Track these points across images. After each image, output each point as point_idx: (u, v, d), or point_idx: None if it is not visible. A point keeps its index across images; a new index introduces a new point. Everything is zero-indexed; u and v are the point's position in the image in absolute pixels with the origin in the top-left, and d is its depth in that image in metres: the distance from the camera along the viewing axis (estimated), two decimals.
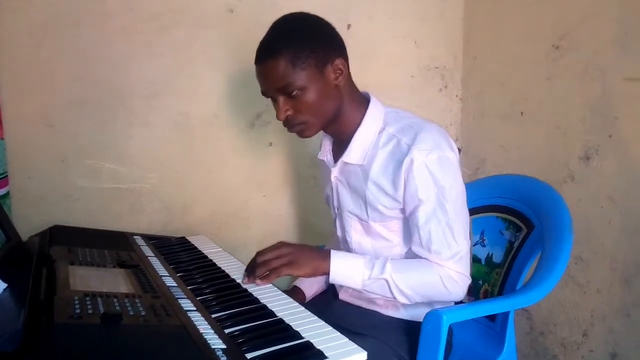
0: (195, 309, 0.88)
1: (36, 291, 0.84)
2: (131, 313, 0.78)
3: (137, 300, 0.84)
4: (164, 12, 1.53)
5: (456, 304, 1.14)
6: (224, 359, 0.70)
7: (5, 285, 0.85)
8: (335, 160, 1.20)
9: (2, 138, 1.35)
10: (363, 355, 0.75)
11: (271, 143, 1.73)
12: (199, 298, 0.94)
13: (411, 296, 1.06)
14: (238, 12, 1.61)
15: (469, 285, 1.10)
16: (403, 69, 1.92)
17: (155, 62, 1.54)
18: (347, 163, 1.15)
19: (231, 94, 1.65)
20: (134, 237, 1.36)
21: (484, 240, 1.39)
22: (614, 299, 1.52)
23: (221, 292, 0.99)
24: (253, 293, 0.99)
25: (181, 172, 1.62)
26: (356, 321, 1.13)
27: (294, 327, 0.82)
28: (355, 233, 1.20)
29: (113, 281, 0.95)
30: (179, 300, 0.91)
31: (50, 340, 0.67)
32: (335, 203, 1.23)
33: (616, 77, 1.47)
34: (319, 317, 0.87)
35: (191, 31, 1.57)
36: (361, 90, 1.18)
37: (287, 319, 0.86)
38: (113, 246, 1.21)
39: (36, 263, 1.00)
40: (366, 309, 1.20)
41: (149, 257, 1.18)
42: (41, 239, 1.19)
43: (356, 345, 0.77)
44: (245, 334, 0.80)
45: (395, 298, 1.06)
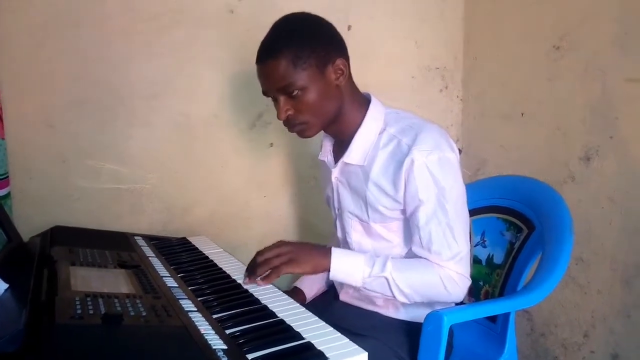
0: (196, 310, 0.87)
1: (37, 292, 0.84)
2: (132, 314, 0.78)
3: (138, 300, 0.84)
4: (164, 13, 1.53)
5: (457, 305, 1.14)
6: None
7: (6, 285, 0.85)
8: (335, 160, 1.20)
9: (3, 138, 1.35)
10: (364, 356, 0.75)
11: (272, 144, 1.73)
12: (200, 299, 0.94)
13: (411, 295, 1.06)
14: (238, 13, 1.61)
15: (470, 286, 1.10)
16: (403, 70, 1.92)
17: (155, 63, 1.54)
18: (348, 164, 1.15)
19: (232, 95, 1.65)
20: (135, 238, 1.36)
21: (485, 241, 1.39)
22: (615, 300, 1.52)
23: (222, 293, 0.99)
24: (254, 294, 0.99)
25: (182, 173, 1.62)
26: (357, 322, 1.13)
27: (295, 328, 0.82)
28: (355, 234, 1.20)
29: (114, 282, 0.95)
30: (180, 300, 0.91)
31: (51, 340, 0.67)
32: (335, 204, 1.23)
33: (616, 78, 1.47)
34: (320, 318, 0.87)
35: (191, 31, 1.57)
36: (362, 90, 1.18)
37: (288, 320, 0.86)
38: (114, 247, 1.21)
39: (37, 263, 1.00)
40: (367, 310, 1.20)
41: (150, 258, 1.18)
42: (42, 240, 1.19)
43: (357, 346, 0.77)
44: (246, 335, 0.80)
45: (394, 297, 1.06)
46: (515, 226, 1.32)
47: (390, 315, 1.18)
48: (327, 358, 0.73)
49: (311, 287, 1.32)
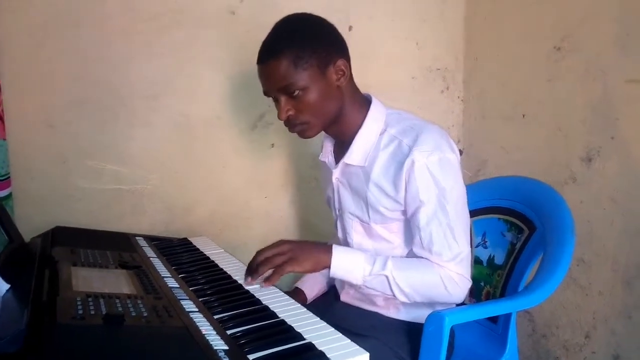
0: (197, 310, 0.88)
1: (39, 292, 0.84)
2: (133, 314, 0.78)
3: (140, 301, 0.84)
4: (164, 13, 1.53)
5: (458, 306, 1.14)
6: None
7: (8, 286, 0.85)
8: (336, 161, 1.20)
9: (5, 139, 1.35)
10: (365, 356, 0.75)
11: (273, 144, 1.73)
12: (201, 299, 0.94)
13: (411, 295, 1.06)
14: (239, 14, 1.61)
15: (471, 287, 1.10)
16: (404, 70, 1.92)
17: (155, 63, 1.54)
18: (349, 164, 1.15)
19: (233, 95, 1.65)
20: (136, 238, 1.36)
21: (486, 242, 1.38)
22: (616, 301, 1.52)
23: (223, 294, 0.99)
24: (255, 294, 0.99)
25: (183, 173, 1.62)
26: (357, 322, 1.13)
27: (296, 329, 0.82)
28: (356, 234, 1.20)
29: (115, 282, 0.95)
30: (181, 301, 0.91)
31: (52, 341, 0.67)
32: (336, 204, 1.23)
33: (617, 78, 1.47)
34: (321, 319, 0.87)
35: (191, 32, 1.57)
36: (363, 91, 1.18)
37: (289, 320, 0.86)
38: (115, 247, 1.21)
39: (39, 264, 1.00)
40: (368, 311, 1.20)
41: (151, 258, 1.18)
42: (43, 240, 1.19)
43: (358, 346, 0.77)
44: (247, 335, 0.80)
45: (394, 296, 1.06)
46: (516, 227, 1.31)
47: (391, 315, 1.18)
48: (328, 358, 0.73)
49: (312, 288, 1.32)
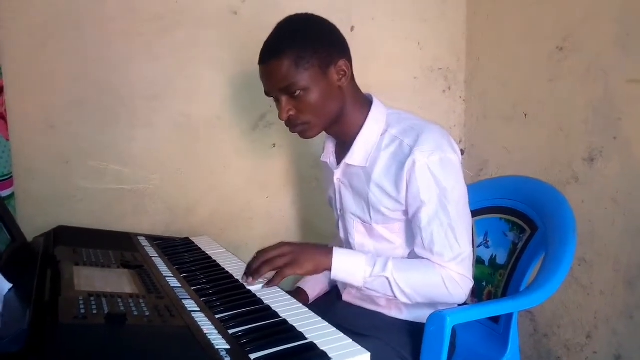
0: (199, 310, 0.88)
1: (41, 291, 0.84)
2: (135, 313, 0.78)
3: (142, 300, 0.84)
4: (165, 13, 1.53)
5: (460, 306, 1.14)
6: None
7: (10, 285, 0.85)
8: (338, 162, 1.20)
9: (8, 139, 1.35)
10: (367, 356, 0.75)
11: (274, 144, 1.73)
12: (203, 299, 0.94)
13: (412, 296, 1.06)
14: (241, 14, 1.61)
15: (472, 287, 1.10)
16: (406, 70, 1.92)
17: (156, 63, 1.54)
18: (350, 165, 1.16)
19: (234, 96, 1.65)
20: (138, 238, 1.36)
21: (488, 241, 1.38)
22: (618, 301, 1.52)
23: (225, 293, 0.99)
24: (257, 294, 0.99)
25: (184, 173, 1.62)
26: (359, 322, 1.13)
27: (298, 328, 0.82)
28: (358, 235, 1.20)
29: (117, 282, 0.95)
30: (183, 300, 0.91)
31: (55, 340, 0.67)
32: (337, 205, 1.23)
33: (618, 78, 1.47)
34: (323, 318, 0.87)
35: (192, 32, 1.57)
36: (364, 91, 1.18)
37: (291, 320, 0.86)
38: (117, 247, 1.21)
39: (41, 263, 1.00)
40: (369, 310, 1.20)
41: (153, 258, 1.18)
42: (46, 240, 1.19)
43: (359, 346, 0.77)
44: (249, 335, 0.80)
45: (396, 297, 1.06)
46: (518, 227, 1.31)
47: (393, 315, 1.18)
48: (330, 358, 0.73)
49: (314, 288, 1.32)
